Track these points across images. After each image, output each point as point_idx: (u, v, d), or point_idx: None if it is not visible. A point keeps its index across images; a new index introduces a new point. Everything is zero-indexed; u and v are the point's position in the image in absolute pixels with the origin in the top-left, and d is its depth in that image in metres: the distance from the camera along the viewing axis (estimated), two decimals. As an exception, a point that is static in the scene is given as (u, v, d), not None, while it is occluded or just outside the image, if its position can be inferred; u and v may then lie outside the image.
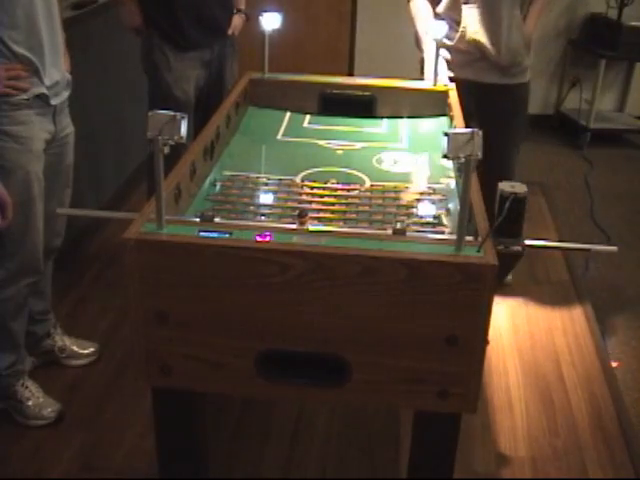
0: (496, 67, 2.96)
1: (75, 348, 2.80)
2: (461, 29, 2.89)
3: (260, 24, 2.74)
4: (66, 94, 2.39)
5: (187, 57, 3.02)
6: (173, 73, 3.00)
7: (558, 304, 3.37)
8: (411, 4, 3.01)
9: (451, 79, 2.91)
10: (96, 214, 2.70)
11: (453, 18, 2.90)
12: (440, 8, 2.94)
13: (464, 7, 2.86)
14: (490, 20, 2.86)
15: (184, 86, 3.03)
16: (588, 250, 1.78)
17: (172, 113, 1.55)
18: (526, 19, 2.97)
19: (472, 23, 2.87)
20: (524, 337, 3.11)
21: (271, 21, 2.75)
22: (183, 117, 1.56)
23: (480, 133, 1.48)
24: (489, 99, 3.01)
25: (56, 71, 2.30)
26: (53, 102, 2.29)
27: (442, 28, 2.74)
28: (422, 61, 3.01)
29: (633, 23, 5.06)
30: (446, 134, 1.50)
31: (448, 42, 2.93)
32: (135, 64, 3.27)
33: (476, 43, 2.89)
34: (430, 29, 2.77)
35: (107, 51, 3.70)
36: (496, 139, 3.09)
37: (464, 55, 2.95)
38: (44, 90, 2.24)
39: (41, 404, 2.51)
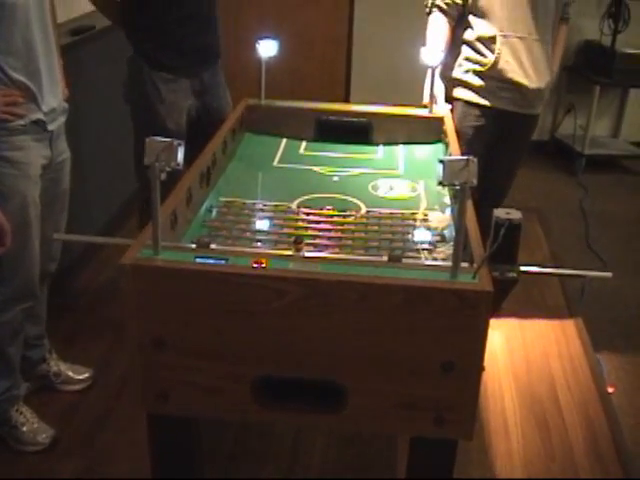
0: (524, 98, 3.00)
1: (70, 373, 2.79)
2: (494, 58, 2.90)
3: (257, 51, 2.75)
4: (63, 119, 2.41)
5: (179, 88, 2.94)
6: (165, 105, 2.92)
7: (554, 328, 3.37)
8: (430, 24, 3.00)
9: (480, 106, 2.99)
10: (92, 240, 2.70)
11: (485, 45, 2.92)
12: (472, 35, 2.94)
13: (498, 36, 2.87)
14: (524, 52, 2.90)
15: (177, 118, 2.95)
16: (583, 277, 1.79)
17: (169, 140, 1.56)
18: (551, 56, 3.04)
19: (505, 53, 2.89)
20: (520, 361, 3.11)
21: (268, 48, 2.77)
22: (180, 144, 1.57)
23: (475, 160, 1.49)
24: (513, 127, 3.07)
25: (53, 97, 2.31)
26: (50, 128, 2.30)
27: (437, 56, 2.77)
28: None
29: (627, 50, 5.10)
30: (441, 161, 1.51)
31: (479, 68, 2.95)
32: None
33: (507, 73, 2.91)
34: (424, 56, 2.78)
35: (105, 77, 3.70)
36: (510, 164, 3.20)
37: (494, 83, 2.96)
38: (41, 116, 2.25)
39: (35, 430, 2.50)
